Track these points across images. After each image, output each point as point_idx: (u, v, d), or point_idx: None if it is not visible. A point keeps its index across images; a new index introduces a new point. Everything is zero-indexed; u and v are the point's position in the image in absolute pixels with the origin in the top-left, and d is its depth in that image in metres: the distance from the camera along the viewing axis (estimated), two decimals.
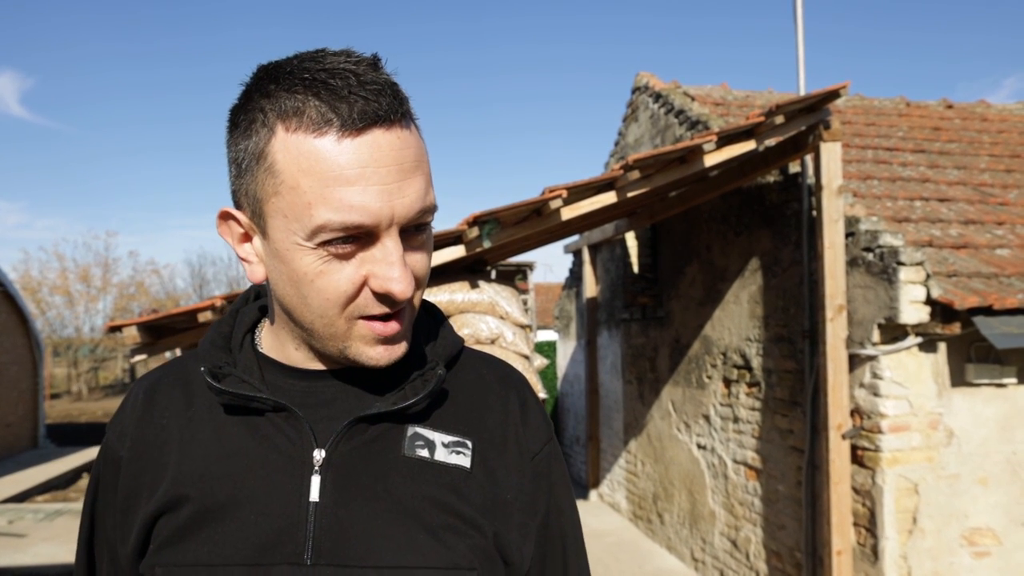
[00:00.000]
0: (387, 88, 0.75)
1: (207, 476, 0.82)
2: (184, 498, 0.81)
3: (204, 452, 0.83)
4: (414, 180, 0.76)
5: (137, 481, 0.85)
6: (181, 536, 0.80)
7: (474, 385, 0.93)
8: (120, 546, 0.86)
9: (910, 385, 3.98)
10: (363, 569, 0.78)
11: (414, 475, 0.83)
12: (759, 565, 5.18)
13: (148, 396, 0.90)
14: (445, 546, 0.80)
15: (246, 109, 0.78)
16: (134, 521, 0.83)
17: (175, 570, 0.79)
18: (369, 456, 0.83)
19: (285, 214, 0.76)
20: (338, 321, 0.78)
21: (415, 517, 0.81)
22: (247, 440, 0.83)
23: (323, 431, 0.83)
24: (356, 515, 0.80)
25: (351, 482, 0.81)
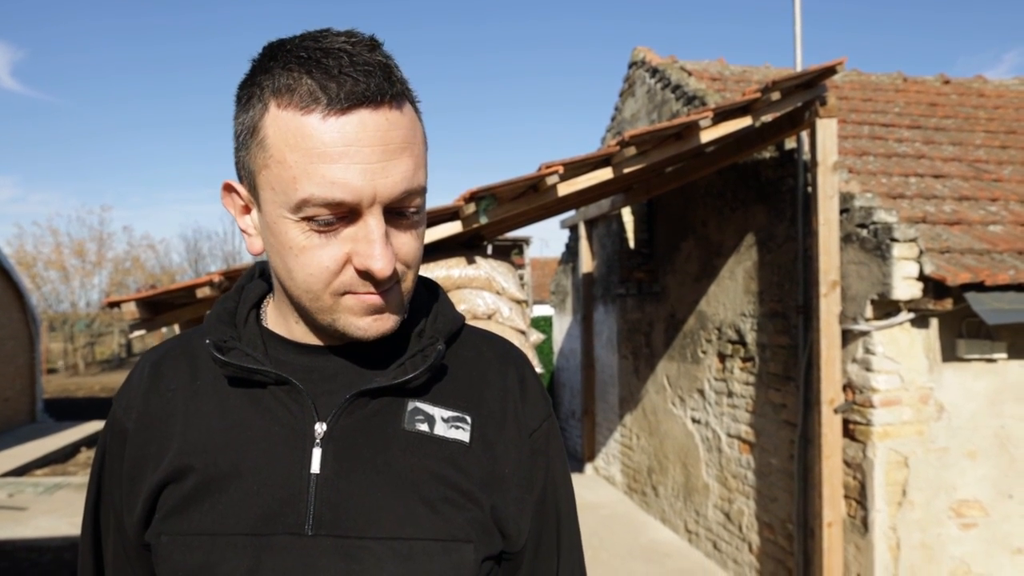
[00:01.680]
0: (378, 69, 0.76)
1: (211, 447, 0.84)
2: (189, 468, 0.84)
3: (208, 424, 0.86)
4: (400, 161, 0.77)
5: (143, 452, 0.88)
6: (186, 505, 0.83)
7: (474, 361, 0.95)
8: (127, 515, 0.88)
9: (902, 360, 4.03)
10: (362, 540, 0.80)
11: (414, 449, 0.85)
12: (751, 537, 5.26)
13: (154, 369, 0.93)
14: (443, 518, 0.83)
15: (248, 84, 0.80)
16: (140, 491, 0.86)
17: (180, 538, 0.82)
18: (369, 430, 0.85)
19: (273, 187, 0.78)
20: (324, 295, 0.80)
21: (414, 490, 0.83)
22: (250, 412, 0.86)
23: (325, 404, 0.85)
24: (356, 487, 0.82)
25: (351, 455, 0.84)
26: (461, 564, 0.82)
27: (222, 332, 0.89)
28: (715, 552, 5.79)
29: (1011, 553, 4.15)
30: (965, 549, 4.10)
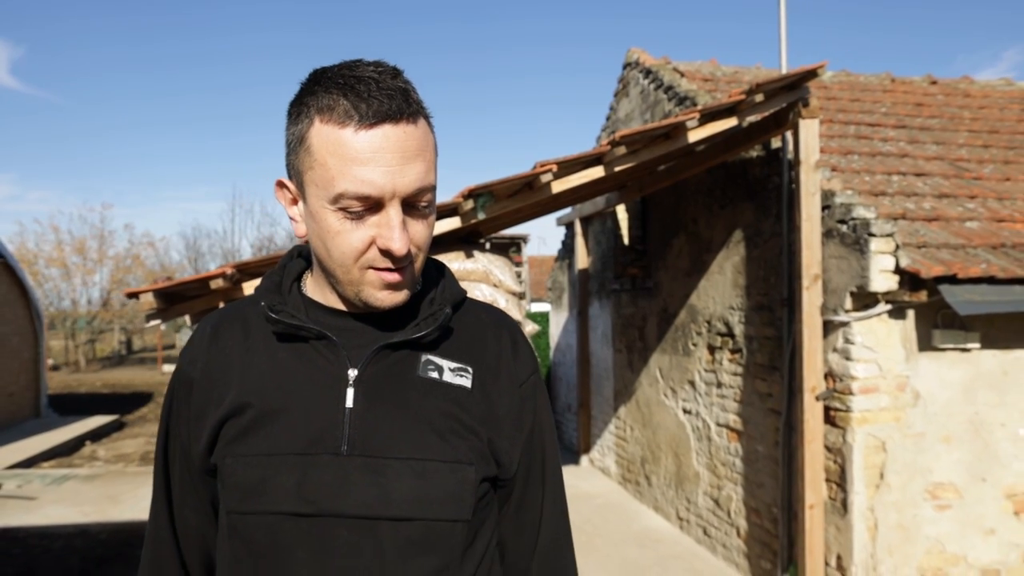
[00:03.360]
0: (399, 93, 0.98)
1: (265, 389, 1.05)
2: (247, 405, 1.04)
3: (261, 371, 1.07)
4: (415, 164, 0.99)
5: (207, 395, 1.08)
6: (245, 434, 1.03)
7: (474, 325, 1.17)
8: (193, 445, 1.09)
9: (880, 350, 4.23)
10: (386, 459, 1.01)
11: (426, 391, 1.06)
12: (739, 521, 5.47)
13: (214, 331, 1.13)
14: (450, 445, 1.04)
15: (297, 103, 1.02)
16: (205, 425, 1.07)
17: (242, 459, 1.02)
18: (391, 375, 1.06)
19: (316, 184, 0.99)
20: (353, 269, 1.02)
21: (427, 423, 1.04)
22: (295, 362, 1.07)
23: (355, 355, 1.06)
24: (381, 419, 1.03)
25: (377, 395, 1.05)
26: (464, 481, 1.03)
27: (272, 298, 1.09)
28: (705, 538, 6.00)
29: (983, 533, 4.35)
30: (940, 529, 4.31)
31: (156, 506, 1.17)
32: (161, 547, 1.16)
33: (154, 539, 1.17)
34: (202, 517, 1.13)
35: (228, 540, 1.04)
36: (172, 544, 1.15)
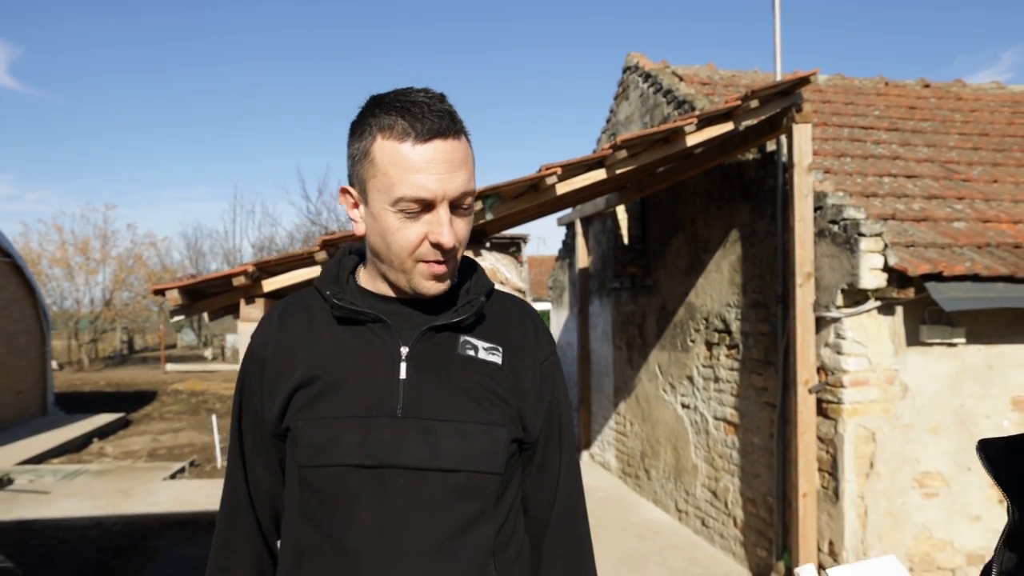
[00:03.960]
0: (446, 115, 1.19)
1: (329, 364, 1.24)
2: (315, 377, 1.23)
3: (325, 349, 1.26)
4: (460, 173, 1.19)
5: (278, 371, 1.27)
6: (314, 401, 1.22)
7: (502, 312, 1.36)
8: (266, 413, 1.28)
9: (870, 344, 4.43)
10: (434, 421, 1.21)
11: (465, 366, 1.26)
12: (736, 511, 5.66)
13: (280, 317, 1.33)
14: (485, 411, 1.24)
15: (360, 123, 1.21)
16: (278, 396, 1.26)
17: (312, 422, 1.21)
18: (436, 353, 1.26)
19: (379, 189, 1.19)
20: (407, 261, 1.21)
21: (466, 392, 1.24)
22: (355, 341, 1.26)
23: (405, 336, 1.25)
24: (429, 389, 1.23)
25: (425, 368, 1.24)
26: (497, 440, 1.23)
27: (333, 288, 1.29)
28: (703, 528, 6.19)
29: (969, 520, 4.55)
30: (927, 516, 4.50)
31: (232, 467, 1.36)
32: (238, 501, 1.35)
33: (231, 495, 1.36)
34: (272, 475, 1.32)
35: (299, 491, 1.24)
36: (247, 498, 1.34)
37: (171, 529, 7.04)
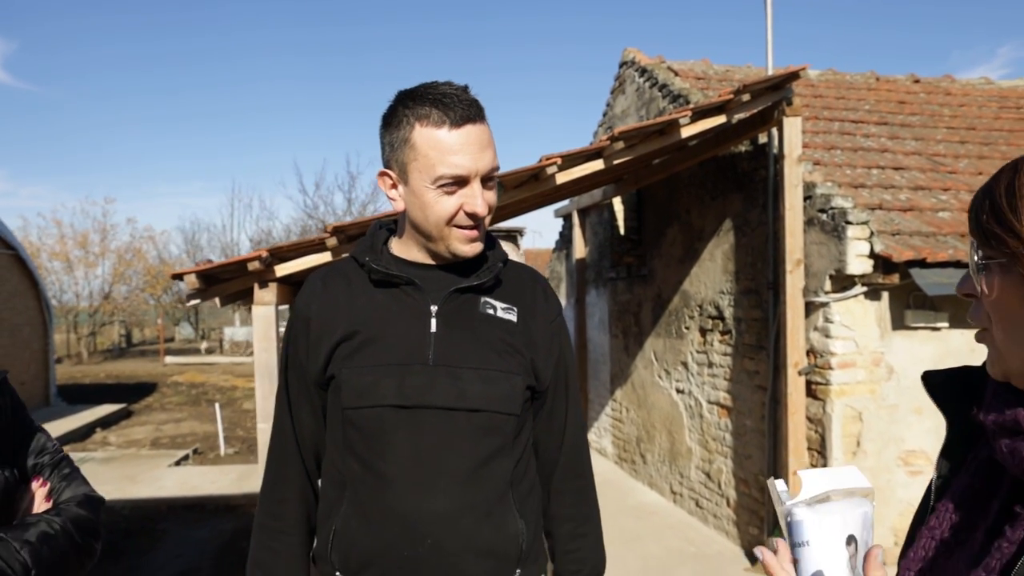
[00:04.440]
0: (474, 103, 1.38)
1: (368, 321, 1.42)
2: (356, 332, 1.41)
3: (364, 309, 1.44)
4: (488, 152, 1.38)
5: (322, 328, 1.45)
6: (355, 353, 1.41)
7: (516, 278, 1.55)
8: (311, 364, 1.46)
9: (856, 328, 4.62)
10: (461, 368, 1.39)
11: (486, 322, 1.44)
12: (729, 492, 5.86)
13: (323, 282, 1.51)
14: (504, 360, 1.42)
15: (395, 115, 1.39)
16: (322, 350, 1.44)
17: (355, 369, 1.40)
18: (461, 311, 1.44)
19: (420, 171, 1.37)
20: (444, 229, 1.40)
21: (487, 344, 1.42)
22: (390, 301, 1.44)
23: (434, 296, 1.44)
24: (456, 341, 1.41)
25: (452, 323, 1.42)
26: (514, 386, 1.41)
27: (371, 255, 1.47)
28: (697, 509, 6.39)
29: None
30: (912, 493, 4.70)
31: (280, 413, 1.54)
32: (286, 443, 1.53)
33: (279, 437, 1.54)
34: (315, 419, 1.50)
35: (343, 430, 1.42)
36: (293, 440, 1.52)
37: (178, 512, 7.22)
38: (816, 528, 0.98)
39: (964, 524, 0.98)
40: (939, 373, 1.09)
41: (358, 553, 1.40)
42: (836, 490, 1.01)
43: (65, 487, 1.46)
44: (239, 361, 23.82)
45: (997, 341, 0.90)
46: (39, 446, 1.50)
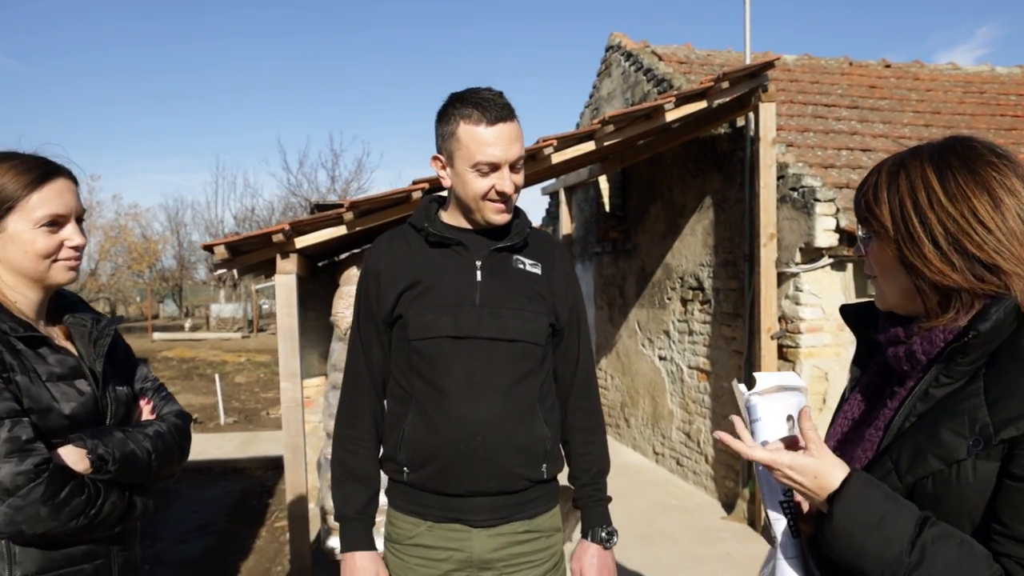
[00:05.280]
0: (506, 106, 1.78)
1: (427, 273, 1.83)
2: (418, 282, 1.82)
3: (422, 264, 1.85)
4: (516, 145, 1.78)
5: (389, 278, 1.86)
6: (417, 298, 1.81)
7: (539, 241, 1.96)
8: (381, 307, 1.86)
9: (823, 296, 5.07)
10: (501, 309, 1.81)
11: (518, 275, 1.86)
12: (707, 450, 6.33)
13: (388, 243, 1.91)
14: (533, 303, 1.84)
15: (446, 113, 1.80)
16: (390, 296, 1.84)
17: (419, 311, 1.80)
18: (499, 265, 1.85)
19: (462, 158, 1.77)
20: (479, 202, 1.80)
21: (520, 291, 1.84)
22: (443, 258, 1.85)
23: (478, 254, 1.85)
24: (496, 288, 1.82)
25: (493, 275, 1.84)
26: (541, 323, 1.84)
27: (428, 222, 1.87)
28: (678, 467, 6.87)
29: None
30: None
31: (353, 347, 1.95)
32: (360, 370, 1.93)
33: (354, 366, 1.94)
34: (382, 352, 1.91)
35: (408, 357, 1.83)
36: (366, 368, 1.93)
37: (189, 475, 7.60)
38: (766, 410, 1.40)
39: (867, 407, 1.41)
40: (851, 306, 1.52)
41: (423, 451, 1.81)
42: (780, 386, 1.43)
43: (164, 404, 1.87)
44: (226, 337, 24.11)
45: (880, 284, 1.33)
46: (143, 375, 1.90)
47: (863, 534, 1.15)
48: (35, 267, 1.62)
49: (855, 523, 1.16)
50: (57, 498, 1.47)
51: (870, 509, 1.16)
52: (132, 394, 1.80)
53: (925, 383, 1.24)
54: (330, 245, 5.03)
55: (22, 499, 1.43)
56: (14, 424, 1.46)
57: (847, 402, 1.48)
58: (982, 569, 1.10)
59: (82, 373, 1.66)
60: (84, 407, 1.62)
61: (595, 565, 1.95)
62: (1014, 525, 1.10)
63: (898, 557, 1.13)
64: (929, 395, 1.22)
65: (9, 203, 1.59)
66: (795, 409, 1.41)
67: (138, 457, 1.64)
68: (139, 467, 1.64)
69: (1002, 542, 1.11)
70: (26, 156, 1.66)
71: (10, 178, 1.59)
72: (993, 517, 1.12)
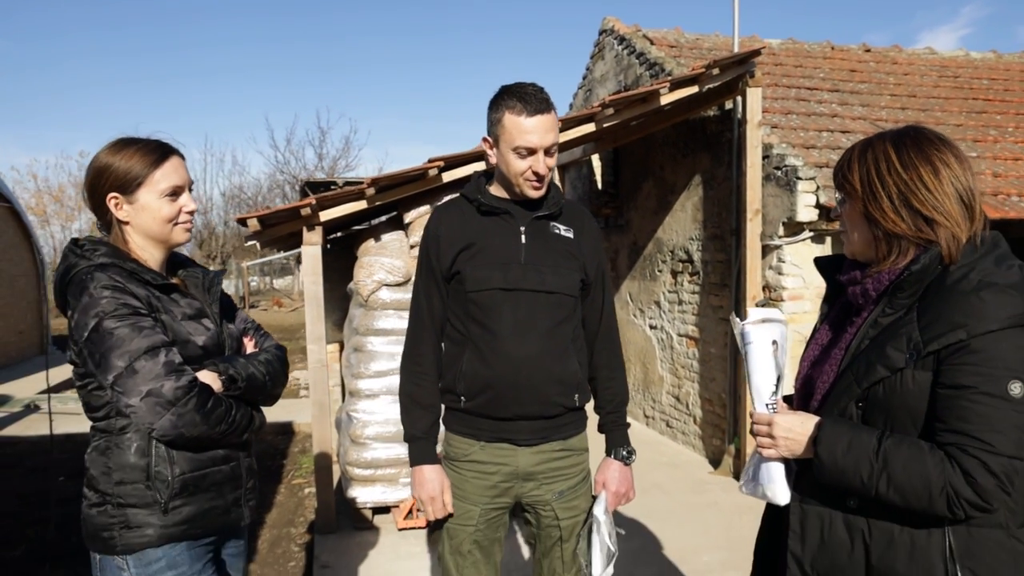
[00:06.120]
0: (544, 100, 2.15)
1: (480, 236, 2.23)
2: (472, 244, 2.22)
3: (476, 228, 2.24)
4: (551, 134, 2.17)
5: (448, 241, 2.25)
6: (472, 257, 2.21)
7: (571, 210, 2.36)
8: (441, 265, 2.26)
9: (804, 266, 5.51)
10: (542, 265, 2.21)
11: (555, 238, 2.26)
12: (696, 411, 6.80)
13: (445, 212, 2.31)
14: (567, 262, 2.25)
15: (496, 103, 2.18)
16: (449, 255, 2.24)
17: (473, 268, 2.20)
18: (539, 230, 2.25)
19: (506, 142, 2.16)
20: (518, 179, 2.19)
21: (556, 252, 2.24)
22: (493, 224, 2.25)
23: (521, 221, 2.24)
24: (538, 250, 2.23)
25: (534, 238, 2.24)
26: (574, 278, 2.25)
27: (480, 194, 2.26)
28: (667, 429, 7.34)
29: None
30: None
31: (416, 298, 2.34)
32: (423, 316, 2.33)
33: (417, 313, 2.34)
34: (441, 302, 2.31)
35: (465, 307, 2.22)
36: (428, 315, 2.33)
37: None
38: (756, 335, 1.81)
39: (833, 334, 1.84)
40: (823, 257, 1.94)
41: (478, 383, 2.22)
42: (767, 318, 1.84)
43: (264, 340, 2.26)
44: None
45: (849, 235, 1.74)
46: (243, 317, 2.29)
47: (842, 457, 1.56)
48: (161, 230, 2.00)
49: (835, 451, 1.57)
50: (206, 407, 1.86)
51: (842, 438, 1.57)
52: (238, 332, 2.20)
53: (875, 314, 1.66)
54: (342, 220, 5.40)
55: (182, 408, 1.82)
56: (168, 351, 1.85)
57: (818, 331, 1.90)
58: (928, 457, 1.50)
59: (205, 314, 2.06)
60: (211, 340, 2.01)
61: (616, 478, 2.38)
62: (949, 421, 1.51)
63: (869, 465, 1.53)
64: (878, 323, 1.64)
65: (139, 179, 1.96)
66: (778, 336, 1.83)
67: (257, 378, 2.04)
68: (258, 386, 2.04)
69: (942, 434, 1.51)
70: (147, 140, 2.04)
71: (137, 160, 1.97)
72: (934, 417, 1.53)
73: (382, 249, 5.07)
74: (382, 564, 4.45)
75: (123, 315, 1.84)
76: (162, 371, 1.82)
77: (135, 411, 1.83)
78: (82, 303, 1.86)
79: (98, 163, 1.97)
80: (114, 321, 1.84)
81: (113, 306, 1.85)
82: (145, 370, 1.82)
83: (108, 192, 1.95)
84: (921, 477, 1.48)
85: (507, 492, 2.29)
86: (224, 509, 2.02)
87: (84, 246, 1.97)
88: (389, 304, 4.99)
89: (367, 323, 4.98)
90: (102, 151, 2.00)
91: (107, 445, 1.93)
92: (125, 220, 1.98)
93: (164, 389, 1.81)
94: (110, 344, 1.82)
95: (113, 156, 1.96)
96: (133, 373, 1.81)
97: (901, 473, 1.50)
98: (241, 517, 2.09)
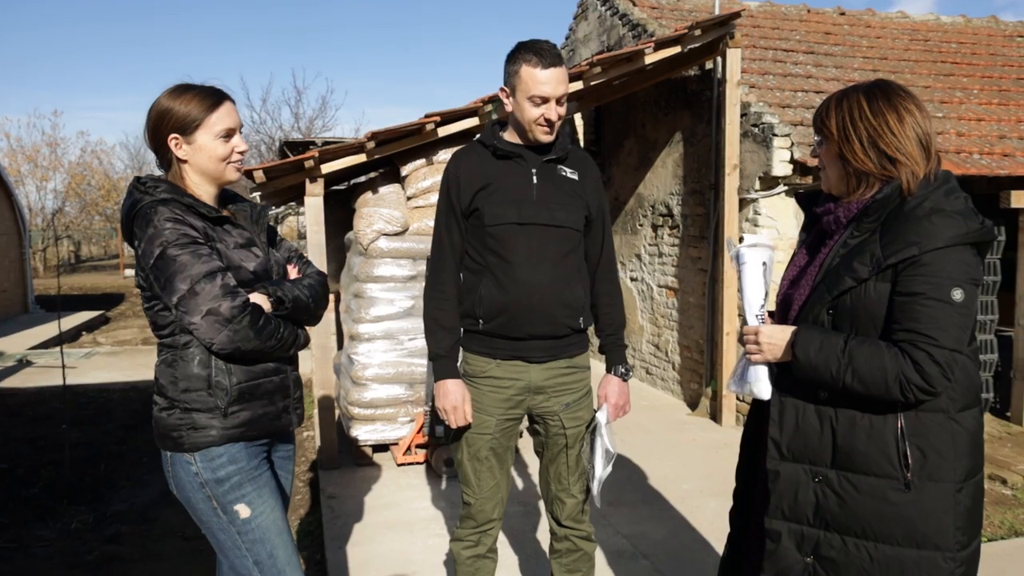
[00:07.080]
0: (559, 55, 2.43)
1: (496, 177, 2.50)
2: (489, 184, 2.50)
3: (492, 170, 2.52)
4: (562, 85, 2.44)
5: (467, 181, 2.52)
6: (490, 196, 2.49)
7: (576, 155, 2.64)
8: (461, 202, 2.53)
9: (779, 219, 5.84)
10: (551, 203, 2.49)
11: (563, 179, 2.55)
12: (674, 358, 7.16)
13: (465, 155, 2.58)
14: (573, 200, 2.54)
15: (513, 57, 2.45)
16: (468, 194, 2.51)
17: (491, 205, 2.47)
18: (548, 172, 2.54)
19: (521, 91, 2.43)
20: (531, 124, 2.46)
21: (564, 191, 2.53)
22: (507, 166, 2.52)
23: (533, 164, 2.52)
24: (548, 189, 2.51)
25: (544, 179, 2.52)
26: (579, 215, 2.54)
27: (495, 139, 2.53)
28: (647, 376, 7.71)
29: None
30: None
31: (438, 231, 2.62)
32: (444, 248, 2.61)
33: (439, 245, 2.61)
34: (460, 236, 2.58)
35: (483, 240, 2.50)
36: (448, 247, 2.60)
37: None
38: (749, 256, 2.12)
39: (809, 257, 2.15)
40: (803, 192, 2.25)
41: (495, 306, 2.51)
42: (758, 243, 2.15)
43: (305, 267, 2.52)
44: None
45: (825, 173, 2.04)
46: (287, 247, 2.55)
47: (815, 355, 1.87)
48: (216, 168, 2.25)
49: (809, 350, 1.87)
50: (258, 324, 2.13)
51: (814, 340, 1.88)
52: (283, 259, 2.46)
53: (844, 236, 1.96)
54: (341, 173, 5.62)
55: (237, 324, 2.09)
56: (224, 275, 2.11)
57: (796, 255, 2.21)
58: (885, 352, 1.82)
59: (254, 243, 2.32)
60: (260, 266, 2.28)
61: (616, 392, 2.70)
62: (903, 321, 1.82)
63: (837, 361, 1.84)
64: (847, 244, 1.95)
65: (197, 122, 2.20)
66: (767, 259, 2.13)
67: (302, 300, 2.31)
68: (303, 307, 2.31)
69: (897, 333, 1.83)
70: (202, 86, 2.27)
71: (194, 104, 2.21)
72: (891, 319, 1.84)
73: (380, 200, 5.31)
74: (385, 495, 4.78)
75: (184, 244, 2.09)
76: (220, 292, 2.07)
77: (197, 328, 2.09)
78: (148, 234, 2.10)
79: (159, 107, 2.20)
80: (176, 249, 2.08)
81: (175, 236, 2.09)
82: (205, 292, 2.07)
83: (169, 133, 2.19)
84: (880, 369, 1.80)
85: (520, 404, 2.60)
86: (275, 415, 2.30)
87: (147, 183, 2.21)
88: (387, 252, 5.25)
89: (366, 270, 5.24)
90: (162, 96, 2.22)
91: (173, 358, 2.19)
92: (184, 159, 2.22)
93: (222, 308, 2.07)
94: (174, 269, 2.07)
95: (173, 100, 2.19)
96: (195, 295, 2.07)
97: (863, 366, 1.81)
98: (290, 423, 2.37)
